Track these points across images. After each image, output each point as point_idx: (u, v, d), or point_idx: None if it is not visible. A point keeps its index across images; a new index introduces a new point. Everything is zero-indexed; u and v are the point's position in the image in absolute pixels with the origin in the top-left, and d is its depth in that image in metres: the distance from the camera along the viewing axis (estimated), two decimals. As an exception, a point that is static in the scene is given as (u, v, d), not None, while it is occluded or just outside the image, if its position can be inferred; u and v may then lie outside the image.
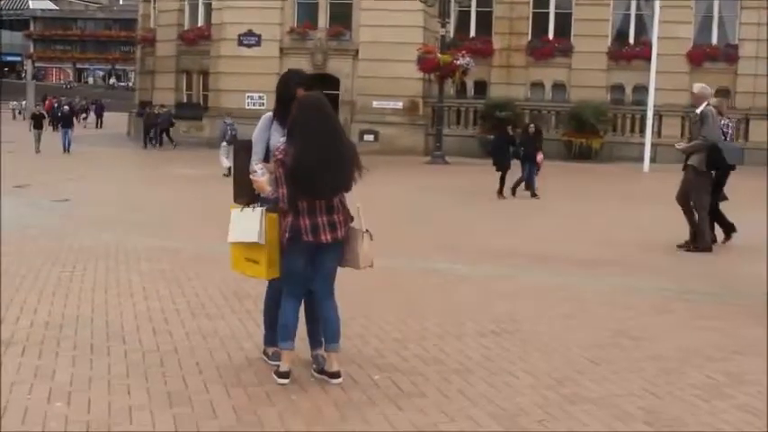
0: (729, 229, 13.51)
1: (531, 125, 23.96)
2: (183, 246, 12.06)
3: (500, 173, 21.31)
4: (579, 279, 10.65)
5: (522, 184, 21.46)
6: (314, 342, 6.53)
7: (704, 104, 12.82)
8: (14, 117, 68.24)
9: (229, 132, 26.81)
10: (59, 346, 6.99)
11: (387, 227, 14.41)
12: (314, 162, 5.80)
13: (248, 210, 6.16)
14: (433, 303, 8.99)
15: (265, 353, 6.72)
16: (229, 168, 24.87)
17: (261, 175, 6.07)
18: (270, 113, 6.61)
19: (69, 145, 35.66)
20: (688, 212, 13.01)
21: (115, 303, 8.56)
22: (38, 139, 35.32)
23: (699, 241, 12.83)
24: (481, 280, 10.51)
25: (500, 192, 21.09)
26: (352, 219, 6.15)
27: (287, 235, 5.93)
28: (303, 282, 6.13)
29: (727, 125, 13.65)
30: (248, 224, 6.11)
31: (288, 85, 6.54)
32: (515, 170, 21.59)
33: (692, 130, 13.13)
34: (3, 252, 11.24)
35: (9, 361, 6.55)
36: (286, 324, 6.10)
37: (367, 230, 6.20)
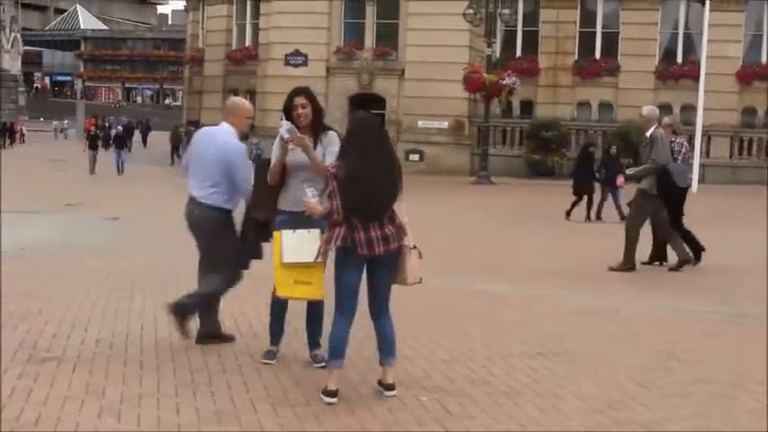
0: (698, 253, 13.24)
1: (613, 147, 23.28)
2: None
3: (576, 196, 20.97)
4: (627, 300, 10.56)
5: (582, 205, 20.96)
6: (312, 343, 7.10)
7: (653, 127, 12.69)
8: (56, 136, 67.29)
9: (254, 151, 28.04)
10: (109, 364, 7.07)
11: (433, 247, 14.40)
12: (365, 178, 5.98)
13: (302, 232, 6.35)
14: (479, 324, 8.97)
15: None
16: None
17: (312, 197, 6.21)
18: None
19: (122, 166, 35.33)
20: (629, 244, 12.81)
21: (164, 322, 8.60)
22: (93, 161, 34.80)
23: (623, 260, 12.70)
24: (528, 301, 10.45)
25: (568, 213, 20.74)
26: (405, 234, 6.24)
27: (339, 244, 6.02)
28: (355, 296, 6.20)
29: (682, 144, 13.41)
30: (306, 246, 6.28)
31: (288, 97, 6.92)
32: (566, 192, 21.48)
33: (641, 153, 12.95)
34: (55, 267, 11.40)
35: (61, 377, 6.63)
36: (338, 342, 6.16)
37: (415, 246, 6.28)
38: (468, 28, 35.73)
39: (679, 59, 38.77)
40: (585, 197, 20.92)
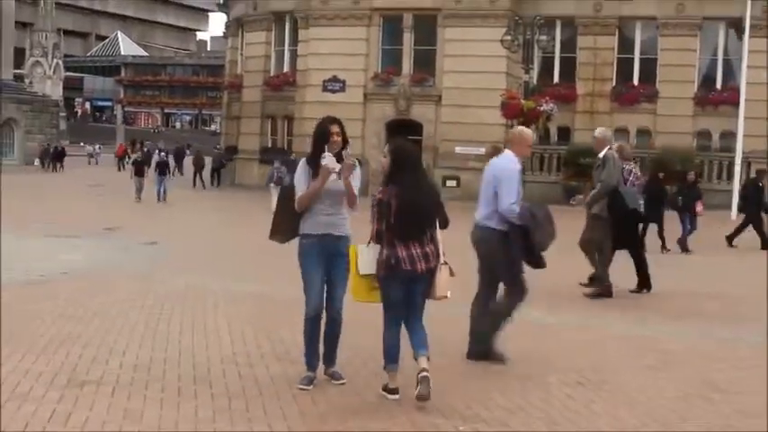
0: (644, 283, 13.09)
1: (692, 173, 22.50)
2: (269, 290, 12.19)
3: (643, 225, 20.21)
4: (664, 329, 10.47)
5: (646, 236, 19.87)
6: (328, 361, 7.38)
7: (606, 149, 12.59)
8: (89, 162, 66.91)
9: (276, 175, 29.22)
10: (147, 389, 7.11)
11: (471, 274, 14.37)
12: (413, 200, 6.69)
13: (375, 246, 6.83)
14: (516, 352, 8.90)
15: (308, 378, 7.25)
16: None
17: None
18: (304, 160, 7.19)
19: (165, 193, 33.19)
20: (591, 258, 12.81)
21: (202, 346, 8.68)
22: (139, 188, 32.89)
23: (596, 283, 12.65)
24: (564, 329, 10.39)
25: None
26: (442, 253, 6.88)
27: (384, 270, 6.71)
28: (402, 308, 6.87)
29: (631, 171, 13.24)
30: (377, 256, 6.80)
31: (323, 124, 7.24)
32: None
33: (593, 175, 12.86)
34: (94, 291, 11.50)
35: (99, 401, 6.69)
36: (392, 348, 6.90)
37: (446, 263, 6.91)
38: (505, 54, 35.73)
39: (718, 85, 38.49)
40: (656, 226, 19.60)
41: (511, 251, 7.99)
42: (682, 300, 12.92)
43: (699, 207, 19.75)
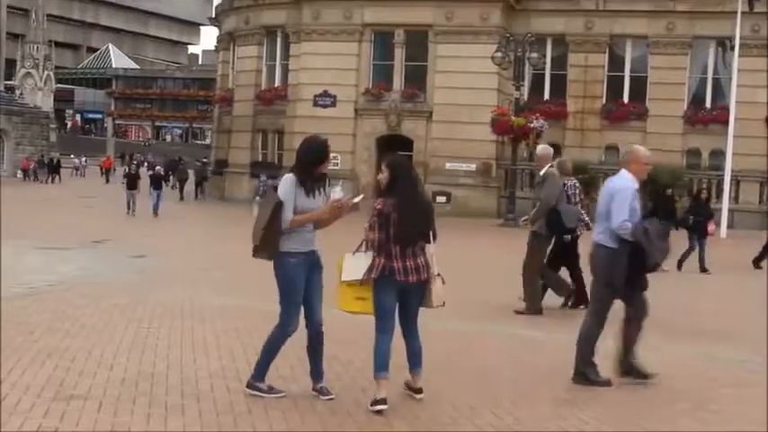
0: (581, 299, 12.95)
1: (704, 191, 22.14)
2: (256, 304, 12.12)
3: None
4: (657, 348, 10.43)
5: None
6: (316, 377, 7.40)
7: (547, 166, 12.64)
8: (72, 174, 67.05)
9: (262, 188, 29.45)
10: (135, 403, 7.04)
11: (461, 290, 14.33)
12: (411, 213, 6.98)
13: (360, 254, 7.03)
14: (508, 370, 8.89)
15: (259, 387, 7.30)
16: None
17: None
18: (292, 175, 7.12)
19: (157, 207, 32.88)
20: (541, 278, 12.75)
21: (190, 361, 8.62)
22: (132, 201, 32.39)
23: (528, 304, 12.58)
24: (556, 346, 10.35)
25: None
26: (431, 264, 7.14)
27: (377, 274, 6.91)
28: (394, 316, 7.11)
29: (573, 186, 13.25)
30: (363, 266, 6.97)
31: (323, 151, 7.21)
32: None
33: (535, 192, 12.90)
34: (82, 303, 11.43)
35: (86, 416, 6.62)
36: (383, 357, 7.01)
37: (439, 274, 7.19)
38: (496, 71, 35.87)
39: (708, 104, 38.68)
40: None
41: (625, 268, 8.01)
42: (681, 319, 12.90)
43: (711, 227, 19.35)
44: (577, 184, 13.32)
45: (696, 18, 37.82)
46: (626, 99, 39.48)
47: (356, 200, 7.15)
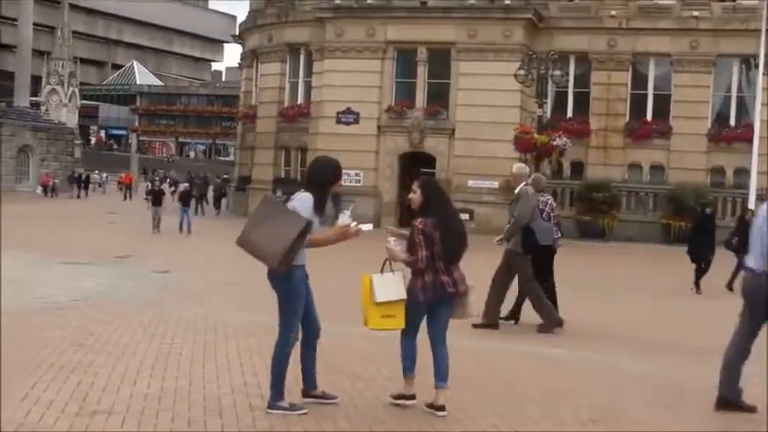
0: (516, 313, 13.13)
1: (749, 211, 21.76)
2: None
3: (695, 264, 19.08)
4: (682, 367, 10.37)
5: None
6: (314, 383, 7.57)
7: (522, 184, 12.63)
8: (94, 189, 67.28)
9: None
10: (157, 419, 7.05)
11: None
12: (453, 231, 7.47)
13: (388, 275, 7.38)
14: (532, 389, 8.84)
15: (281, 406, 7.27)
16: None
17: (394, 246, 7.46)
18: (310, 195, 7.20)
19: (189, 225, 32.31)
20: (495, 292, 12.63)
21: (212, 377, 8.63)
22: (157, 219, 31.91)
23: (544, 322, 12.55)
24: (580, 365, 10.31)
25: (696, 284, 18.92)
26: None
27: (428, 291, 7.32)
28: (419, 325, 7.51)
29: (546, 202, 13.15)
30: (394, 285, 7.35)
31: (337, 172, 7.44)
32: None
33: (510, 210, 12.89)
34: (106, 319, 11.48)
35: (110, 431, 6.64)
36: (410, 358, 7.52)
37: (472, 284, 7.64)
38: (519, 88, 35.80)
39: (732, 122, 38.48)
40: (703, 264, 19.10)
41: None
42: (705, 339, 12.81)
43: None
44: (551, 201, 13.29)
45: (720, 36, 37.69)
46: (649, 117, 39.33)
47: (364, 228, 7.27)
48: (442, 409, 7.39)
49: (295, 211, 7.08)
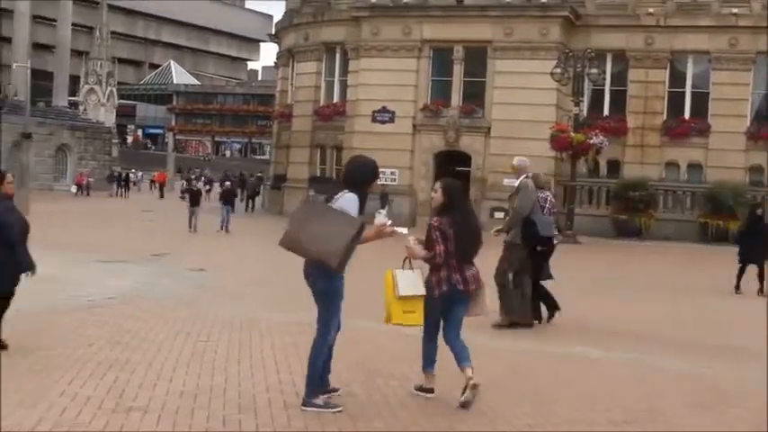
0: (553, 307, 12.93)
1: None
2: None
3: (741, 264, 18.52)
4: (718, 368, 10.27)
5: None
6: (327, 380, 7.68)
7: (522, 177, 12.50)
8: (133, 188, 67.08)
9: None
10: (193, 417, 7.10)
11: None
12: (470, 232, 7.80)
13: (409, 271, 7.72)
14: (565, 389, 8.80)
15: (315, 403, 7.37)
16: None
17: (414, 245, 7.77)
18: (356, 197, 7.31)
19: (227, 224, 32.08)
20: (500, 286, 12.38)
21: (248, 375, 8.67)
22: (194, 218, 31.53)
23: (507, 316, 12.30)
24: (615, 365, 10.24)
25: (737, 286, 18.42)
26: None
27: (443, 287, 7.65)
28: (440, 322, 7.83)
29: (546, 198, 12.94)
30: (415, 281, 7.68)
31: (375, 173, 7.63)
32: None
33: (510, 203, 12.73)
34: (140, 318, 11.57)
35: (145, 428, 6.69)
36: (431, 354, 7.86)
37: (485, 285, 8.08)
38: (555, 87, 35.64)
39: (771, 120, 38.02)
40: (756, 267, 18.49)
41: None
42: (742, 339, 12.69)
43: None
44: (550, 197, 13.18)
45: (759, 33, 37.22)
46: (687, 115, 38.94)
47: (399, 231, 7.52)
48: (476, 387, 7.58)
49: (345, 212, 7.17)
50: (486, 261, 7.95)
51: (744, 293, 18.20)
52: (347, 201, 7.26)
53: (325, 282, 7.26)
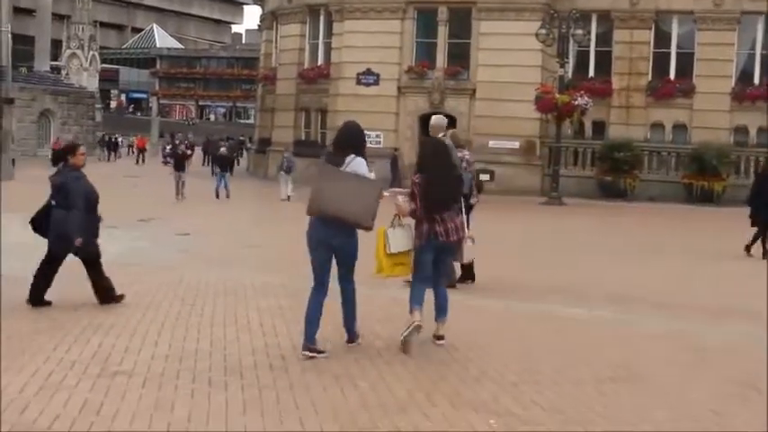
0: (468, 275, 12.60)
1: None
2: (299, 282, 12.16)
3: (756, 227, 18.04)
4: (701, 327, 10.34)
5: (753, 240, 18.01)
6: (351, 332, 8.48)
7: (440, 135, 12.42)
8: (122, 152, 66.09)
9: (285, 164, 31.60)
10: (179, 379, 7.12)
11: (504, 268, 14.30)
12: (442, 183, 8.39)
13: (399, 229, 8.40)
14: (549, 347, 8.85)
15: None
16: (288, 196, 30.12)
17: (403, 202, 8.40)
18: (363, 159, 8.09)
19: (227, 189, 31.17)
20: None
21: (233, 338, 8.68)
22: (181, 184, 30.01)
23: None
24: (599, 324, 10.30)
25: (748, 247, 17.89)
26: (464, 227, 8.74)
27: (424, 238, 8.29)
28: (430, 269, 8.41)
29: (463, 158, 12.88)
30: (404, 238, 8.38)
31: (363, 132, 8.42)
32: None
33: None
34: (125, 283, 11.56)
35: (131, 392, 6.70)
36: (420, 296, 8.38)
37: (471, 236, 9.17)
38: (540, 48, 35.51)
39: (756, 80, 38.03)
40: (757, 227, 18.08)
41: None
42: (724, 299, 12.77)
43: None
44: (468, 156, 13.04)
45: (744, -7, 37.18)
46: (672, 76, 38.90)
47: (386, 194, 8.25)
48: (441, 338, 8.55)
49: (362, 175, 7.93)
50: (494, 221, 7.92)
51: (754, 257, 17.87)
52: (360, 165, 7.97)
53: (353, 241, 7.99)
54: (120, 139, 70.24)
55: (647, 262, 17.05)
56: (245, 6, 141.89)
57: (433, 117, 13.03)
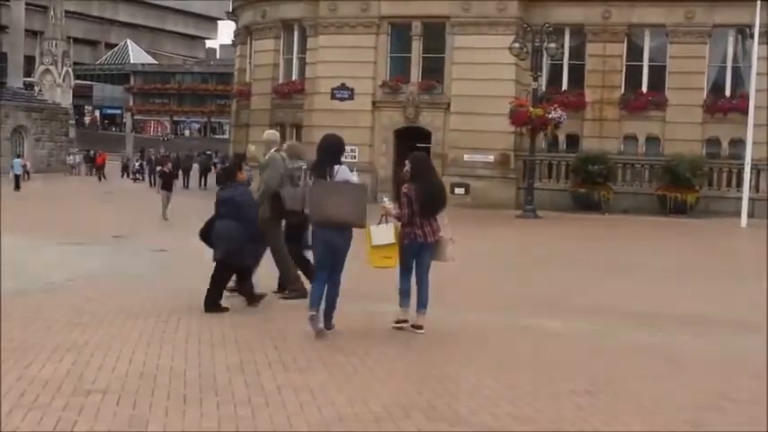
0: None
1: None
2: (276, 299, 12.12)
3: None
4: (678, 338, 10.39)
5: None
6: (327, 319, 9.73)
7: (272, 150, 12.59)
8: (67, 173, 63.30)
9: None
10: (153, 396, 7.07)
11: (480, 282, 14.34)
12: (429, 196, 9.86)
13: (383, 225, 9.84)
14: (526, 360, 8.86)
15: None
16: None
17: (389, 205, 9.99)
18: (346, 167, 9.94)
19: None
20: (277, 261, 12.43)
21: (208, 354, 8.63)
22: (166, 204, 28.58)
23: (289, 287, 12.26)
24: (575, 337, 10.32)
25: None
26: (441, 230, 10.00)
27: (407, 239, 9.76)
28: (413, 267, 9.93)
29: (301, 168, 12.98)
30: (386, 234, 9.78)
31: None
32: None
33: (260, 177, 12.87)
34: (99, 300, 11.47)
35: (105, 410, 6.64)
36: (406, 292, 10.00)
37: (451, 238, 10.11)
38: (514, 62, 35.69)
39: (727, 93, 38.33)
40: None
41: None
42: (690, 306, 12.83)
43: None
44: (304, 166, 12.98)
45: (715, 6, 37.47)
46: (645, 89, 39.15)
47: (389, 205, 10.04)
48: (420, 328, 9.79)
49: (349, 181, 9.77)
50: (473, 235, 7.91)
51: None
52: (346, 172, 9.75)
53: (348, 238, 9.57)
54: (77, 158, 67.78)
55: (624, 274, 17.12)
56: (219, 22, 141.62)
57: (266, 132, 13.44)
